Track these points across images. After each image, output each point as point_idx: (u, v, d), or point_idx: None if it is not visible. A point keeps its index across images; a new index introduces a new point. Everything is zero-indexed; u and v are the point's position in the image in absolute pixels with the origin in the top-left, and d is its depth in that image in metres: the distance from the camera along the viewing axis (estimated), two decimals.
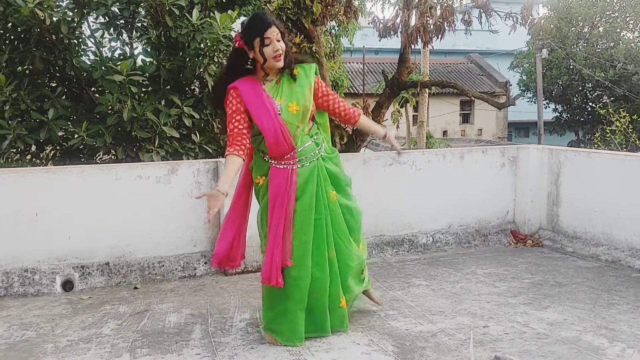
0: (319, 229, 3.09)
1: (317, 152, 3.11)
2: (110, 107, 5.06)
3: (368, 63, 25.81)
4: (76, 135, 4.99)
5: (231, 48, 6.03)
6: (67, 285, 4.16)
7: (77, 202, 4.22)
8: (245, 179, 3.24)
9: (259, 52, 2.91)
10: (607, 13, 26.15)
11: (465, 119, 29.61)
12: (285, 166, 3.03)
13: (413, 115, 21.80)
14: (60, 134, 5.20)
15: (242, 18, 5.49)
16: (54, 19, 5.02)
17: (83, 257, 4.26)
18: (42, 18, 4.77)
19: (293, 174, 3.03)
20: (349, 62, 24.33)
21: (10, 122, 4.92)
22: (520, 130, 33.44)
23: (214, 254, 3.22)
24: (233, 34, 5.31)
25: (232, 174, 2.93)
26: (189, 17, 5.16)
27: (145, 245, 4.40)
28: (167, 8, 5.15)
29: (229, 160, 2.94)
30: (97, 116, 5.26)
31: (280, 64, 2.94)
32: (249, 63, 2.99)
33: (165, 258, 4.44)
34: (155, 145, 5.16)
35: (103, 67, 5.23)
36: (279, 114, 2.96)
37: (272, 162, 3.05)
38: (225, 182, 2.87)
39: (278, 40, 2.90)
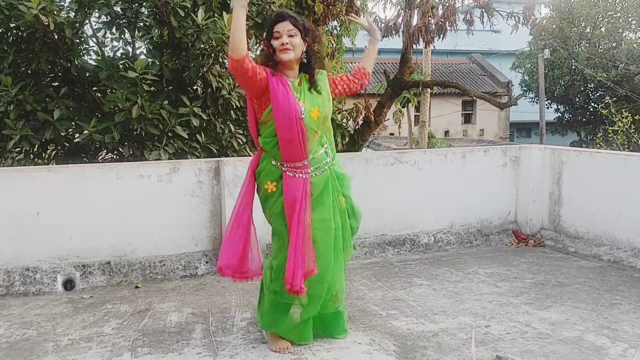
0: (337, 239, 3.04)
1: (328, 160, 3.05)
2: (118, 105, 5.07)
3: None
4: (85, 132, 4.99)
5: None
6: (69, 284, 4.16)
7: (79, 201, 4.22)
8: (250, 183, 3.06)
9: (270, 43, 2.89)
10: (609, 13, 26.11)
11: (467, 119, 29.59)
12: (299, 175, 2.94)
13: (415, 115, 21.80)
14: (62, 134, 5.20)
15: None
16: (58, 21, 5.00)
17: (84, 256, 4.26)
18: (47, 23, 4.75)
19: (307, 184, 2.94)
20: (351, 62, 24.24)
21: (15, 122, 4.92)
22: (522, 130, 33.40)
23: (225, 264, 3.02)
24: None
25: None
26: (194, 17, 5.16)
27: (146, 245, 4.40)
28: (172, 7, 5.14)
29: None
30: (99, 115, 5.26)
31: (286, 56, 2.86)
32: (271, 61, 2.93)
33: (166, 257, 4.44)
34: (163, 143, 5.17)
35: (106, 68, 5.23)
36: (302, 118, 2.88)
37: (284, 169, 2.95)
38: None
39: (290, 36, 2.85)
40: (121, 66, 5.37)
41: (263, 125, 2.96)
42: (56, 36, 5.11)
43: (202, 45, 5.38)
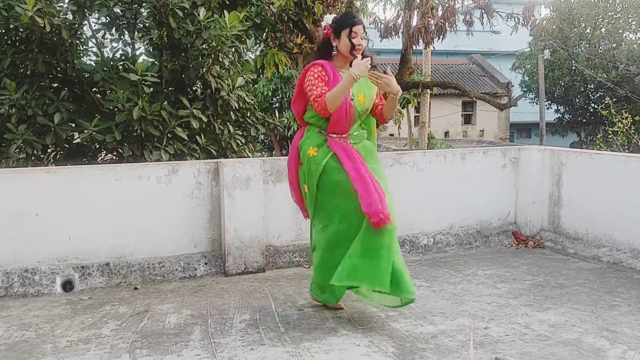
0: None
1: (365, 140, 3.52)
2: (117, 106, 5.06)
3: None
4: (85, 131, 4.98)
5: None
6: (67, 286, 4.16)
7: (78, 203, 4.22)
8: (293, 155, 3.52)
9: (348, 39, 3.34)
10: (609, 14, 26.14)
11: (467, 119, 29.62)
12: (340, 140, 3.39)
13: (415, 116, 21.81)
14: (63, 137, 5.19)
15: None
16: (55, 23, 4.98)
17: (83, 258, 4.25)
18: (42, 25, 4.74)
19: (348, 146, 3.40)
20: None
21: (17, 126, 4.90)
22: (522, 131, 33.42)
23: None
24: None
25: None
26: (196, 16, 5.15)
27: (145, 246, 4.40)
28: (170, 8, 5.13)
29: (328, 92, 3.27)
30: (98, 117, 5.26)
31: (358, 55, 3.36)
32: (332, 51, 3.44)
33: (165, 258, 4.43)
34: (163, 144, 5.17)
35: (105, 69, 5.23)
36: (352, 100, 3.37)
37: (327, 135, 3.40)
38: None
39: (362, 38, 3.39)
40: (121, 67, 5.37)
41: None
42: (54, 38, 5.10)
43: (202, 46, 5.38)
